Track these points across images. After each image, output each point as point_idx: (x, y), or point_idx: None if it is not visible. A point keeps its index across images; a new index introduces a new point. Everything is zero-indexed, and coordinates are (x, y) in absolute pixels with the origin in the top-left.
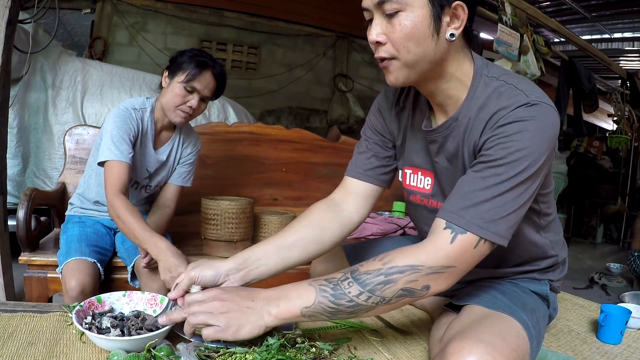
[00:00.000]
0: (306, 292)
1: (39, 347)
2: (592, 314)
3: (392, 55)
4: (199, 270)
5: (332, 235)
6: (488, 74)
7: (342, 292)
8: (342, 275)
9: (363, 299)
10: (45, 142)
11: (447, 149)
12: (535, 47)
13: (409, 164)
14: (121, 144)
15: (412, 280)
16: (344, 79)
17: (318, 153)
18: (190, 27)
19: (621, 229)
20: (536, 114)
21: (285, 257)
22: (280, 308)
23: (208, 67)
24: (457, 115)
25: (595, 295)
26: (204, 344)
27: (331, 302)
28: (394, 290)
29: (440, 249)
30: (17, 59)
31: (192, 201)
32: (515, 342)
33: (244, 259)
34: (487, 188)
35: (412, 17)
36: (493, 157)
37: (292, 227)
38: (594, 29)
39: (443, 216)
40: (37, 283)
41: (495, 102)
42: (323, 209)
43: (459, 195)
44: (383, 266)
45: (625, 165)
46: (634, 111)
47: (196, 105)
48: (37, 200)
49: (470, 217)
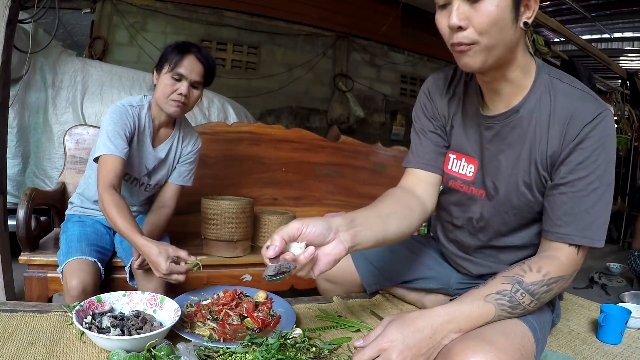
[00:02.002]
0: (486, 310)
1: (39, 346)
2: (592, 314)
3: (472, 41)
4: (306, 222)
5: (418, 217)
6: (551, 74)
7: (517, 302)
8: (512, 287)
9: (532, 305)
10: (45, 142)
11: (503, 137)
12: (535, 47)
13: (455, 149)
14: (116, 138)
15: (560, 287)
16: (344, 79)
17: (318, 153)
18: (190, 26)
19: (621, 229)
20: (610, 124)
21: (385, 226)
22: (463, 330)
23: (190, 51)
24: (519, 107)
25: (595, 295)
26: (204, 343)
27: (508, 312)
28: (550, 295)
29: (572, 261)
30: (17, 58)
31: (192, 201)
32: (519, 343)
33: (352, 219)
34: (594, 205)
35: (497, 2)
36: (586, 172)
37: (384, 202)
38: (594, 28)
39: (569, 241)
40: (37, 283)
41: (570, 106)
42: (402, 192)
43: (574, 218)
44: (543, 278)
45: (625, 165)
46: (634, 111)
47: (186, 92)
48: (37, 200)
49: (592, 236)
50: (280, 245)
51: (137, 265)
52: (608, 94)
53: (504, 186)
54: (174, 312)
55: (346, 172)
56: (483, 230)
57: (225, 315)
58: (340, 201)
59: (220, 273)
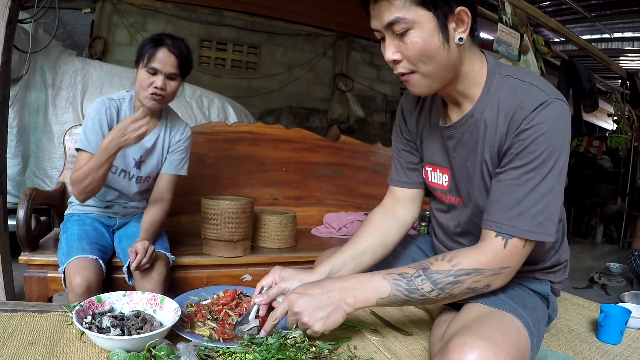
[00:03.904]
0: (381, 284)
1: (39, 346)
2: (592, 314)
3: (410, 70)
4: (288, 282)
5: (394, 238)
6: (502, 72)
7: (415, 287)
8: (414, 272)
9: (434, 294)
10: (45, 141)
11: (464, 144)
12: (535, 47)
13: (429, 162)
14: (91, 134)
15: (476, 280)
16: (344, 79)
17: (318, 153)
18: (190, 26)
19: (621, 229)
20: (554, 113)
21: (359, 263)
22: (357, 298)
23: (162, 44)
24: (472, 112)
25: (595, 295)
26: (204, 343)
27: (404, 295)
28: (461, 289)
29: (497, 254)
30: (17, 58)
31: (192, 201)
32: (516, 339)
33: (327, 271)
34: (526, 195)
35: (421, 33)
36: (523, 162)
37: (360, 236)
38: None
39: (495, 228)
40: (37, 283)
41: (514, 99)
42: (381, 216)
43: (502, 205)
44: (452, 268)
45: (625, 164)
46: (634, 111)
47: (162, 84)
48: (37, 200)
49: (521, 226)
50: (268, 301)
51: (134, 267)
52: (608, 94)
53: (473, 191)
54: (174, 312)
55: (346, 172)
56: (461, 236)
57: (225, 315)
58: (340, 201)
59: (220, 273)
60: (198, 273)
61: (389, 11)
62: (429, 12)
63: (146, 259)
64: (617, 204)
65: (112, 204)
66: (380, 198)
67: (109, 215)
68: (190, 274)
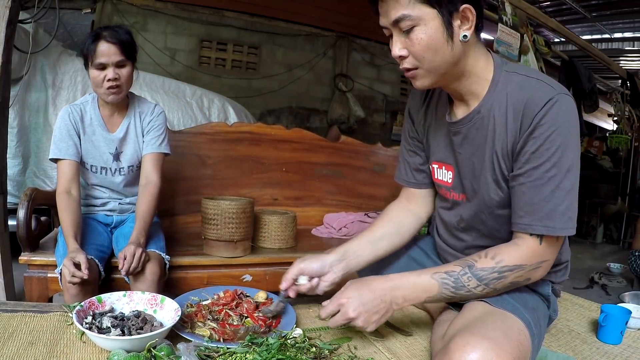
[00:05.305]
0: (430, 284)
1: (39, 347)
2: (592, 314)
3: (415, 66)
4: (307, 262)
5: (409, 228)
6: (508, 69)
7: (462, 284)
8: (460, 270)
9: (479, 290)
10: (46, 142)
11: (471, 140)
12: (536, 47)
13: (435, 159)
14: (61, 141)
15: (519, 275)
16: (344, 79)
17: (318, 153)
18: (190, 26)
19: (621, 229)
20: (564, 108)
21: (376, 248)
22: (406, 299)
23: (100, 38)
24: (479, 108)
25: (595, 295)
26: (204, 343)
27: (451, 291)
28: (505, 283)
29: (535, 251)
30: (17, 59)
31: (192, 201)
32: (517, 339)
33: (344, 252)
34: (553, 193)
35: (425, 29)
36: (541, 160)
37: (378, 223)
38: (594, 28)
39: (529, 230)
40: (37, 283)
41: (522, 95)
42: (397, 208)
43: (532, 208)
44: (496, 265)
45: (625, 165)
46: (634, 111)
47: (113, 75)
48: (37, 200)
49: (553, 224)
50: (290, 281)
51: (124, 273)
52: (608, 94)
53: (479, 187)
54: (174, 312)
55: (346, 172)
56: (465, 232)
57: (226, 316)
58: (340, 201)
59: (220, 273)
60: (198, 273)
61: (395, 9)
62: (434, 9)
63: (135, 264)
64: (618, 204)
65: (107, 202)
66: (380, 198)
67: (105, 213)
68: (191, 274)
